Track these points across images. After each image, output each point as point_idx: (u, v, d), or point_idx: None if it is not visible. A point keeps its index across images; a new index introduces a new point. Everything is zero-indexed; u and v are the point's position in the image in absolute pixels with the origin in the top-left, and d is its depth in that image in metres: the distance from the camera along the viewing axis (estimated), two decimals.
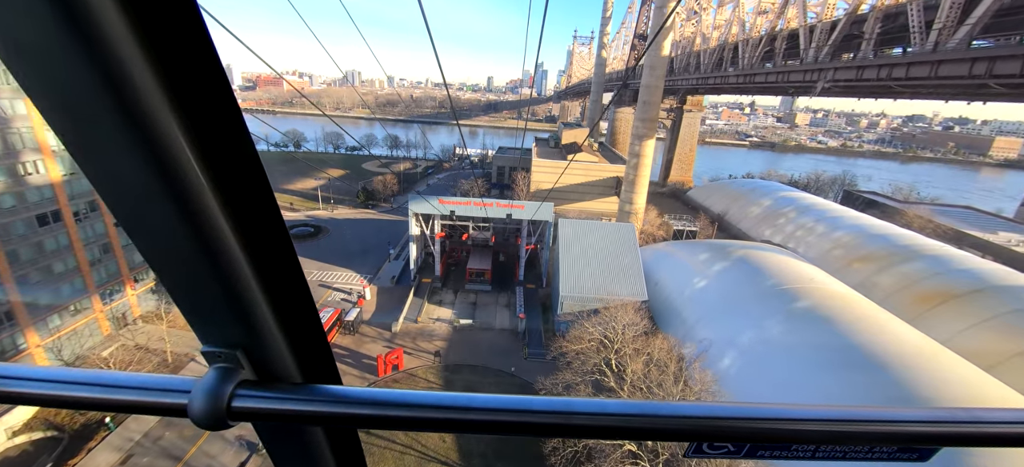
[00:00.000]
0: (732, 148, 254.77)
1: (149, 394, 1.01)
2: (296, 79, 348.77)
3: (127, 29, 0.65)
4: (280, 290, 1.08)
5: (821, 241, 62.59)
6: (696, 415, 0.95)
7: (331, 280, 55.83)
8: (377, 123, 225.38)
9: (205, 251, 0.89)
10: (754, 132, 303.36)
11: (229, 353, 1.07)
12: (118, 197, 0.82)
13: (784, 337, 34.61)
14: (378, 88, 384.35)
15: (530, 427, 0.99)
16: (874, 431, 0.95)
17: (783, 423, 0.94)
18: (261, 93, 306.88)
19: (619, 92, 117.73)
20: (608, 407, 0.99)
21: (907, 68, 31.66)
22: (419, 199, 50.97)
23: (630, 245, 47.61)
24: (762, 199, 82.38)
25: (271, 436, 1.37)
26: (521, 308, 48.35)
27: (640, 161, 60.43)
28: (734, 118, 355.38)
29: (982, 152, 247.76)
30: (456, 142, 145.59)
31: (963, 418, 0.95)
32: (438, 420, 0.99)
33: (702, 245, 54.64)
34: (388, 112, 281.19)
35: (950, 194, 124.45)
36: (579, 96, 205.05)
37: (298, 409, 1.03)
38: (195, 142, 0.80)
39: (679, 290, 46.30)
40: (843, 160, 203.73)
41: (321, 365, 1.26)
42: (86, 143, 0.75)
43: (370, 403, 0.99)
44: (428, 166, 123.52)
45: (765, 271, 43.56)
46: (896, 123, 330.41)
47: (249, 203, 0.91)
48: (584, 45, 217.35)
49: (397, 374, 38.24)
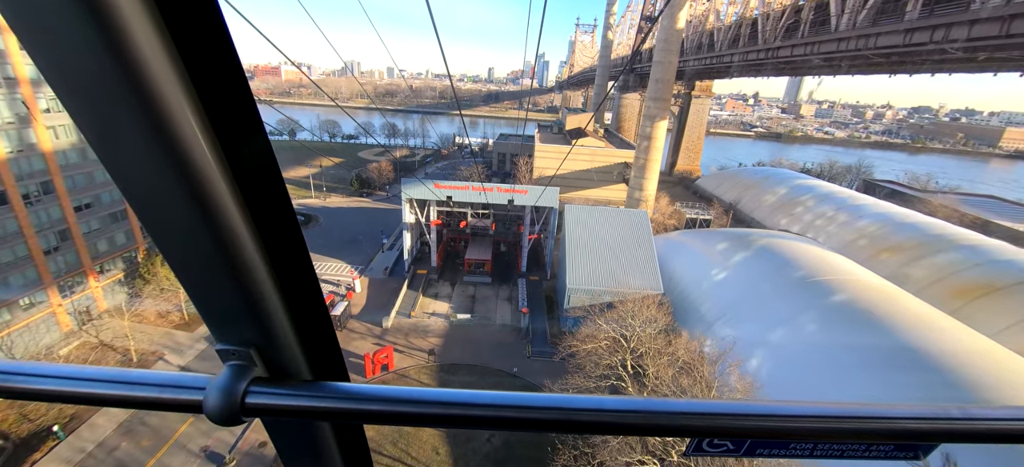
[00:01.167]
0: (737, 139, 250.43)
1: (166, 391, 1.04)
2: (293, 69, 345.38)
3: (149, 25, 0.66)
4: (293, 289, 1.10)
5: (843, 230, 58.77)
6: (697, 412, 0.97)
7: (320, 271, 51.86)
8: (376, 113, 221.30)
9: (223, 251, 0.90)
10: (759, 123, 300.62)
11: (243, 351, 1.09)
12: (141, 197, 0.82)
13: (821, 335, 30.74)
14: (377, 79, 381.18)
15: (534, 423, 1.01)
16: (871, 428, 0.96)
17: (783, 421, 0.96)
18: (259, 83, 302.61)
19: (625, 76, 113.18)
20: (610, 404, 1.01)
21: (970, 28, 27.37)
22: (413, 183, 46.92)
23: (643, 233, 43.62)
24: (777, 187, 78.67)
25: (280, 432, 1.38)
26: (524, 302, 44.48)
27: (651, 144, 56.29)
28: (738, 108, 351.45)
29: (992, 143, 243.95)
30: (456, 131, 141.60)
31: (958, 415, 0.96)
32: (444, 416, 1.01)
33: (719, 234, 50.66)
34: (387, 102, 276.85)
35: (966, 184, 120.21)
36: (581, 85, 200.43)
37: (309, 405, 1.06)
38: (215, 141, 0.80)
39: (695, 283, 42.37)
40: (850, 151, 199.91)
41: (330, 362, 1.27)
42: (110, 143, 0.75)
43: (378, 399, 1.02)
44: (426, 154, 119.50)
45: (792, 262, 39.65)
46: (902, 115, 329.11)
47: (266, 202, 0.93)
48: (586, 34, 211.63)
49: (386, 375, 34.40)
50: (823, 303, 33.41)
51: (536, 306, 44.91)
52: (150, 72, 0.67)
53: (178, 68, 0.71)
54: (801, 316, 32.66)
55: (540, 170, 69.64)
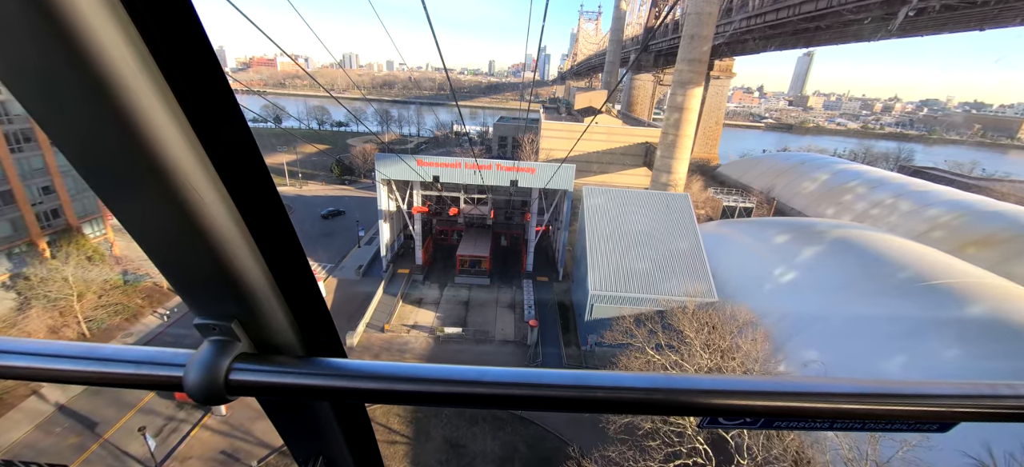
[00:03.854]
0: (746, 129, 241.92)
1: (143, 367, 0.99)
2: (288, 61, 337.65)
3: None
4: (276, 260, 1.05)
5: (911, 221, 49.05)
6: (716, 389, 0.95)
7: None
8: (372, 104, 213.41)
9: (195, 223, 0.85)
10: (767, 114, 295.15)
11: (224, 325, 1.02)
12: (95, 171, 0.76)
13: (969, 365, 21.10)
14: (376, 71, 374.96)
15: (546, 402, 0.97)
16: (892, 409, 0.94)
17: (800, 400, 0.94)
18: (253, 74, 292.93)
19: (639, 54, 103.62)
20: (627, 381, 0.97)
21: None
22: (390, 160, 37.12)
23: (686, 223, 34.04)
24: (816, 173, 69.15)
25: (276, 410, 1.33)
26: (531, 312, 34.85)
27: (683, 116, 46.51)
28: (745, 100, 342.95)
29: (1011, 134, 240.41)
30: (454, 119, 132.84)
31: (987, 393, 0.95)
32: (448, 394, 0.98)
33: (771, 224, 41.02)
34: (385, 93, 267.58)
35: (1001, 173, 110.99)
36: (585, 76, 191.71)
37: (300, 383, 1.01)
38: (176, 107, 0.75)
39: (752, 286, 32.70)
40: (865, 142, 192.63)
41: (324, 338, 1.23)
42: (58, 119, 0.69)
43: (377, 377, 0.99)
44: (420, 142, 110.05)
45: (887, 259, 30.13)
46: (910, 108, 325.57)
47: (237, 166, 0.88)
48: (590, 21, 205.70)
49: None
50: (955, 317, 23.77)
51: (547, 316, 35.30)
52: (94, 26, 0.60)
53: (132, 31, 0.65)
54: (930, 338, 22.99)
55: (547, 152, 59.96)
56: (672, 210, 34.74)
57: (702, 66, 45.43)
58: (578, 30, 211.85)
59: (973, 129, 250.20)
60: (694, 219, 34.22)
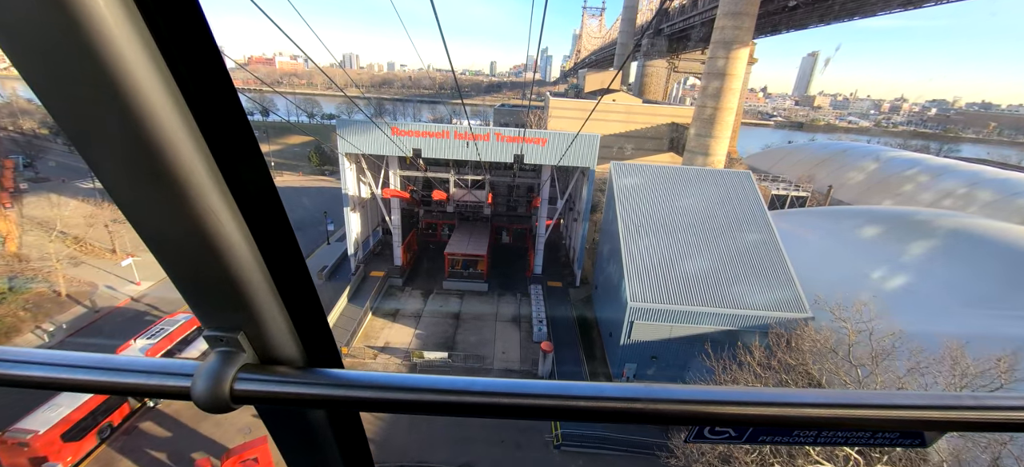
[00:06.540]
0: (756, 126, 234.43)
1: (153, 377, 1.03)
2: (286, 60, 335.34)
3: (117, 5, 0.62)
4: (281, 273, 1.07)
5: (997, 213, 40.50)
6: (699, 399, 0.96)
7: None
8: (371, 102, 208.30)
9: (206, 234, 0.87)
10: (775, 112, 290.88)
11: (231, 337, 1.06)
12: (116, 181, 0.78)
13: None
14: (375, 71, 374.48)
15: (531, 410, 1.00)
16: (875, 417, 0.94)
17: (785, 409, 0.94)
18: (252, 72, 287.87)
19: (652, 38, 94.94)
20: (609, 391, 0.99)
21: None
22: (354, 126, 28.40)
23: (754, 209, 25.31)
24: (862, 162, 61.08)
25: (274, 419, 1.36)
26: (542, 330, 26.13)
27: (725, 84, 37.96)
28: (751, 99, 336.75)
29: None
30: (451, 113, 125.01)
31: (970, 404, 0.95)
32: (438, 403, 1.00)
33: (850, 214, 32.42)
34: (384, 91, 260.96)
35: None
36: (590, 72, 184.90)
37: (300, 392, 1.05)
38: (190, 120, 0.76)
39: (843, 295, 23.96)
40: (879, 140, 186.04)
41: (323, 349, 1.25)
42: (81, 127, 0.71)
43: (372, 386, 1.02)
44: None
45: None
46: (917, 108, 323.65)
47: (249, 183, 0.90)
48: (594, 17, 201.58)
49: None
50: None
51: (562, 337, 26.56)
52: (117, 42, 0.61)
53: (146, 39, 0.65)
54: None
55: None
56: (733, 192, 26.02)
57: (750, 21, 36.83)
58: (582, 27, 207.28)
59: (989, 127, 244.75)
60: (763, 202, 25.47)
